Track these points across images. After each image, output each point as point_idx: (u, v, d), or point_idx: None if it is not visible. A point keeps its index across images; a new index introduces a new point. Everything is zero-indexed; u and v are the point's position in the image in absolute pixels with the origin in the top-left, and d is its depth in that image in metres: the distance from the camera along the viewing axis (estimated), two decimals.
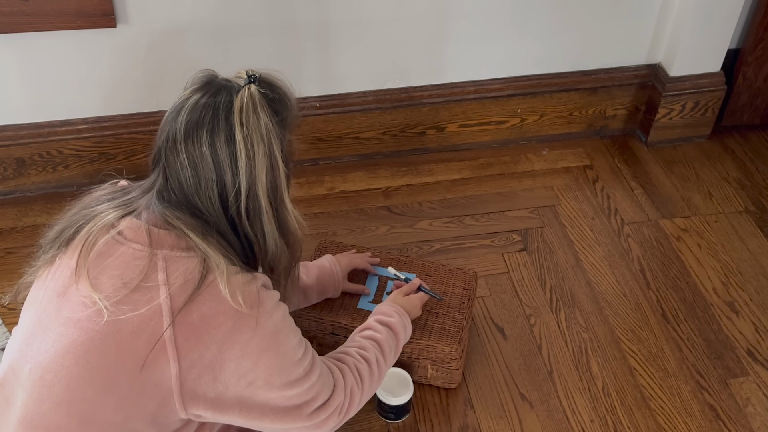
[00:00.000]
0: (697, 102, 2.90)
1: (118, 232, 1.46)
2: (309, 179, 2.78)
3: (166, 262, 1.43)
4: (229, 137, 1.44)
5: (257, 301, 1.46)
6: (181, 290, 1.41)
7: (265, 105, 1.47)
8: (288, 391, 1.51)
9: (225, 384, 1.45)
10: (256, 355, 1.45)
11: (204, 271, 1.43)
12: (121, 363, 1.40)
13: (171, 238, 1.45)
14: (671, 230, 2.63)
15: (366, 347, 1.76)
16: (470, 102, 2.82)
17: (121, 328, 1.40)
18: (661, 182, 2.82)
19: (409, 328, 1.92)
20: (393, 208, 2.69)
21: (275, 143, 1.48)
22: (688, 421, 2.11)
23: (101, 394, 1.41)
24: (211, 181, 1.46)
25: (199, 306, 1.41)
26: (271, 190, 1.50)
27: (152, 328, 1.40)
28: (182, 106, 1.47)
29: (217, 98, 1.46)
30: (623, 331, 2.31)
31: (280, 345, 1.49)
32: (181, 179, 1.47)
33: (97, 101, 2.56)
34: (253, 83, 1.48)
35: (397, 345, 1.85)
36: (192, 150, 1.45)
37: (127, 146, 2.64)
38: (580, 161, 2.90)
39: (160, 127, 1.50)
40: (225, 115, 1.44)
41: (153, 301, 1.41)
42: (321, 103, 2.71)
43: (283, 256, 1.58)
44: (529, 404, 2.13)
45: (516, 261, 2.51)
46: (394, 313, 1.88)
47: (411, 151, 2.90)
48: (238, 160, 1.45)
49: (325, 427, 1.60)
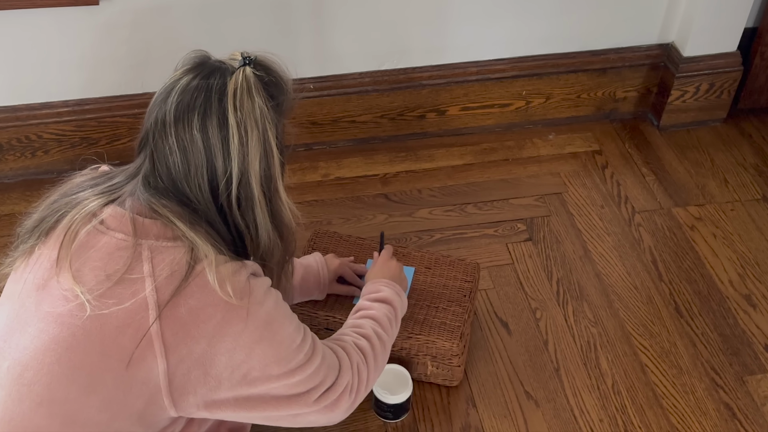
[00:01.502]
0: (712, 83, 2.89)
1: (100, 222, 1.46)
2: (302, 165, 2.78)
3: (151, 252, 1.43)
4: (221, 121, 1.44)
5: (247, 291, 1.46)
6: (167, 282, 1.41)
7: (260, 88, 1.47)
8: (290, 379, 1.51)
9: (217, 378, 1.45)
10: (249, 347, 1.46)
11: (192, 262, 1.43)
12: (106, 360, 1.40)
13: (156, 227, 1.45)
14: (685, 219, 2.63)
15: (361, 325, 1.77)
16: (472, 84, 2.81)
17: (105, 323, 1.40)
18: (674, 168, 2.82)
19: (404, 296, 1.93)
20: (391, 195, 2.69)
21: (270, 129, 1.48)
22: (702, 420, 2.11)
23: (84, 393, 1.41)
24: (201, 167, 1.45)
25: (187, 298, 1.41)
26: (264, 179, 1.50)
27: (138, 323, 1.40)
28: (173, 87, 1.47)
29: (210, 80, 1.46)
30: (634, 326, 2.31)
31: (274, 334, 1.49)
32: (170, 164, 1.46)
33: (79, 83, 2.55)
34: (248, 65, 1.48)
35: (396, 316, 1.86)
36: (182, 134, 1.44)
37: (110, 130, 2.64)
38: (588, 146, 2.90)
39: (148, 110, 1.49)
40: (218, 97, 1.44)
41: (138, 294, 1.40)
42: (315, 84, 2.70)
43: (276, 249, 1.58)
44: (534, 403, 2.14)
45: (521, 251, 2.51)
46: (382, 287, 1.88)
47: (410, 135, 2.89)
48: (231, 145, 1.44)
49: (338, 410, 1.61)
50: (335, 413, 1.61)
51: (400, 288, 1.92)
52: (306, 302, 2.10)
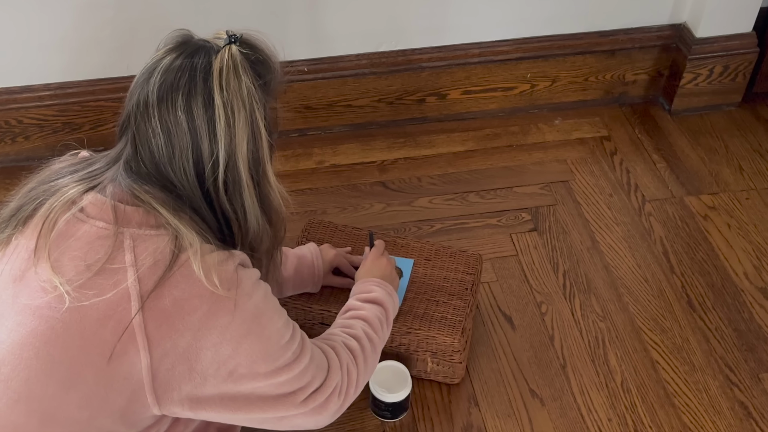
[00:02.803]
0: (727, 66, 2.89)
1: (80, 209, 1.45)
2: (296, 152, 2.77)
3: (133, 241, 1.43)
4: (207, 102, 1.44)
5: (235, 282, 1.45)
6: (150, 272, 1.41)
7: (247, 67, 1.47)
8: (277, 378, 1.51)
9: (203, 375, 1.44)
10: (236, 341, 1.45)
11: (176, 251, 1.42)
12: (86, 354, 1.40)
13: (139, 215, 1.44)
14: (698, 208, 2.63)
15: (351, 325, 1.77)
16: (475, 66, 2.81)
17: (85, 315, 1.39)
18: (687, 155, 2.82)
19: (395, 296, 1.93)
20: (389, 183, 2.69)
21: (258, 110, 1.48)
22: (716, 419, 2.11)
23: (64, 389, 1.40)
24: (186, 150, 1.45)
25: (171, 289, 1.41)
26: (252, 162, 1.50)
27: (119, 315, 1.39)
28: (155, 67, 1.46)
29: (194, 59, 1.45)
30: (644, 321, 2.31)
31: (263, 328, 1.49)
32: (153, 148, 1.46)
33: (61, 65, 2.55)
34: (233, 44, 1.48)
35: (387, 317, 1.86)
36: (166, 115, 1.44)
37: (94, 115, 2.64)
38: (596, 132, 2.90)
39: (130, 91, 1.49)
40: (203, 77, 1.44)
41: (120, 285, 1.40)
42: (309, 67, 2.70)
43: (265, 235, 1.58)
44: (539, 401, 2.14)
45: (525, 242, 2.51)
46: (373, 286, 1.88)
47: (409, 120, 2.89)
48: (217, 127, 1.44)
49: (326, 413, 1.61)
50: (323, 416, 1.60)
51: (392, 288, 1.92)
52: (300, 295, 2.10)
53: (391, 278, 1.96)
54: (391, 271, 1.97)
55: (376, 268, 1.96)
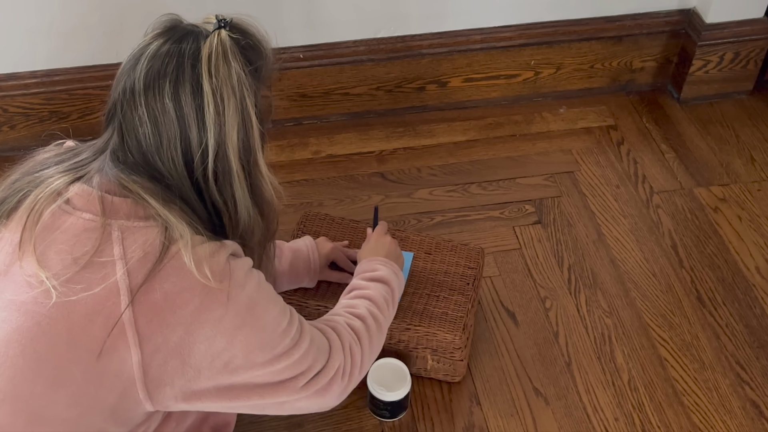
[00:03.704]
0: (738, 53, 2.89)
1: (65, 201, 1.45)
2: (291, 141, 2.77)
3: (122, 233, 1.42)
4: (195, 89, 1.44)
5: (227, 273, 1.45)
6: (139, 265, 1.40)
7: (237, 53, 1.47)
8: (275, 365, 1.51)
9: (196, 368, 1.44)
10: (230, 334, 1.45)
11: (166, 242, 1.42)
12: (74, 351, 1.39)
13: (127, 206, 1.44)
14: (708, 200, 2.63)
15: (355, 305, 1.78)
16: (476, 53, 2.81)
17: (73, 310, 1.39)
18: (696, 145, 2.82)
19: (401, 275, 1.93)
20: (387, 174, 2.69)
21: (248, 97, 1.48)
22: (726, 419, 2.11)
23: (52, 387, 1.40)
24: (174, 138, 1.45)
25: (162, 282, 1.40)
26: (243, 151, 1.50)
27: (108, 310, 1.39)
28: (141, 53, 1.46)
29: (182, 45, 1.45)
30: (652, 317, 2.31)
31: (257, 319, 1.49)
32: (140, 137, 1.46)
33: (47, 52, 2.54)
34: (223, 28, 1.47)
35: (393, 296, 1.87)
36: (153, 103, 1.44)
37: (82, 103, 2.64)
38: (602, 121, 2.90)
39: (116, 79, 1.49)
40: (191, 63, 1.44)
41: (108, 279, 1.40)
42: (305, 53, 2.70)
43: (257, 227, 1.58)
44: (544, 400, 2.14)
45: (529, 235, 2.51)
46: (378, 265, 1.89)
47: (408, 109, 2.89)
48: (206, 115, 1.44)
49: (329, 395, 1.61)
50: (326, 398, 1.61)
51: (397, 267, 1.93)
52: (295, 290, 2.10)
53: (396, 256, 1.96)
54: (396, 249, 1.98)
55: (380, 246, 1.97)
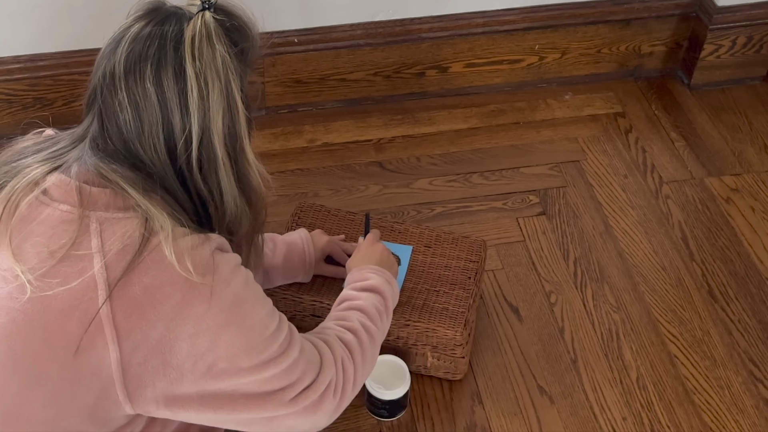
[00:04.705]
0: (750, 37, 2.89)
1: (42, 191, 1.44)
2: (285, 129, 2.77)
3: (100, 225, 1.41)
4: (178, 72, 1.43)
5: (211, 267, 1.43)
6: (118, 258, 1.39)
7: (221, 35, 1.46)
8: (262, 373, 1.49)
9: (179, 370, 1.43)
10: (214, 332, 1.43)
11: (146, 234, 1.41)
12: (50, 348, 1.39)
13: (106, 196, 1.43)
14: (719, 190, 2.63)
15: (347, 317, 1.75)
16: (478, 37, 2.80)
17: (49, 306, 1.38)
18: (707, 133, 2.82)
19: (395, 284, 1.91)
20: (386, 163, 2.69)
21: (234, 80, 1.47)
22: (739, 418, 2.11)
23: (27, 386, 1.39)
24: (156, 124, 1.44)
25: (141, 276, 1.39)
26: (229, 137, 1.49)
27: (85, 305, 1.38)
28: (122, 36, 1.46)
29: (164, 27, 1.44)
30: (662, 312, 2.31)
31: (243, 318, 1.47)
32: (120, 123, 1.45)
33: (31, 36, 2.54)
34: (207, 10, 1.47)
35: (387, 307, 1.84)
36: (133, 87, 1.43)
37: (67, 90, 2.63)
38: (609, 108, 2.90)
39: (96, 63, 1.49)
40: (174, 45, 1.43)
41: (86, 273, 1.38)
42: (299, 37, 2.69)
43: (245, 218, 1.57)
44: (548, 399, 2.14)
45: (533, 227, 2.51)
46: (369, 273, 1.87)
47: (407, 95, 2.89)
48: (189, 99, 1.43)
49: (320, 412, 1.58)
50: (317, 416, 1.58)
51: (390, 275, 1.91)
52: (290, 285, 2.10)
53: (389, 264, 1.95)
54: (389, 257, 1.97)
55: (371, 254, 1.95)
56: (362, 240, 2.02)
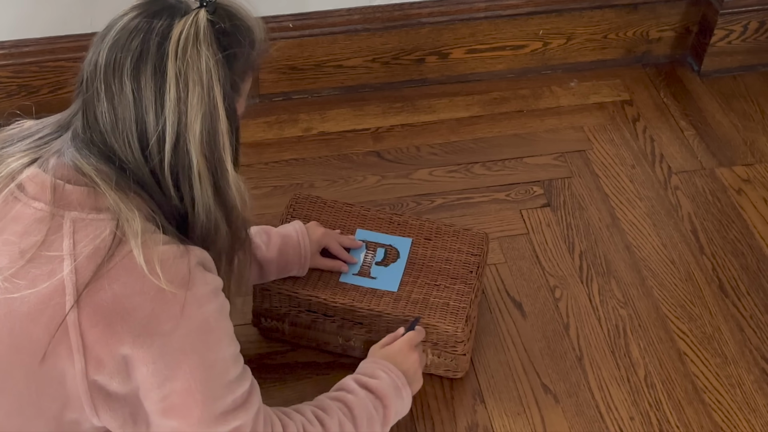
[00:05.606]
0: (763, 21, 2.89)
1: (18, 186, 1.43)
2: (280, 117, 2.76)
3: (74, 225, 1.40)
4: (157, 69, 1.42)
5: (186, 280, 1.41)
6: (89, 261, 1.38)
7: (211, 37, 1.44)
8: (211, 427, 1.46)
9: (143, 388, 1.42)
10: (176, 358, 1.41)
11: (120, 236, 1.39)
12: (15, 354, 1.38)
13: (80, 195, 1.42)
14: (730, 181, 2.63)
15: (327, 408, 1.69)
16: (481, 22, 2.80)
17: (14, 309, 1.37)
18: (718, 121, 2.82)
19: (407, 392, 1.83)
20: (384, 153, 2.68)
21: (217, 87, 1.44)
22: (751, 418, 2.10)
23: None
24: (129, 120, 1.43)
25: (111, 282, 1.38)
26: (207, 146, 1.46)
27: (52, 310, 1.37)
28: (113, 25, 1.46)
29: (153, 20, 1.43)
30: (671, 307, 2.31)
31: (208, 349, 1.45)
32: (97, 114, 1.44)
33: (15, 20, 2.53)
34: (205, 8, 1.45)
35: (384, 415, 1.77)
36: (110, 79, 1.42)
37: (54, 76, 2.62)
38: (616, 95, 2.90)
39: (88, 49, 1.48)
40: (158, 41, 1.42)
41: (55, 275, 1.37)
42: (294, 23, 2.69)
43: (219, 234, 1.53)
44: (553, 397, 2.13)
45: (537, 219, 2.51)
46: (381, 372, 1.80)
47: (407, 82, 2.89)
48: (166, 99, 1.42)
49: None
50: None
51: (405, 384, 1.82)
52: (284, 279, 2.08)
53: (412, 376, 1.86)
54: (417, 370, 1.88)
55: (401, 356, 1.86)
56: (402, 330, 1.93)
